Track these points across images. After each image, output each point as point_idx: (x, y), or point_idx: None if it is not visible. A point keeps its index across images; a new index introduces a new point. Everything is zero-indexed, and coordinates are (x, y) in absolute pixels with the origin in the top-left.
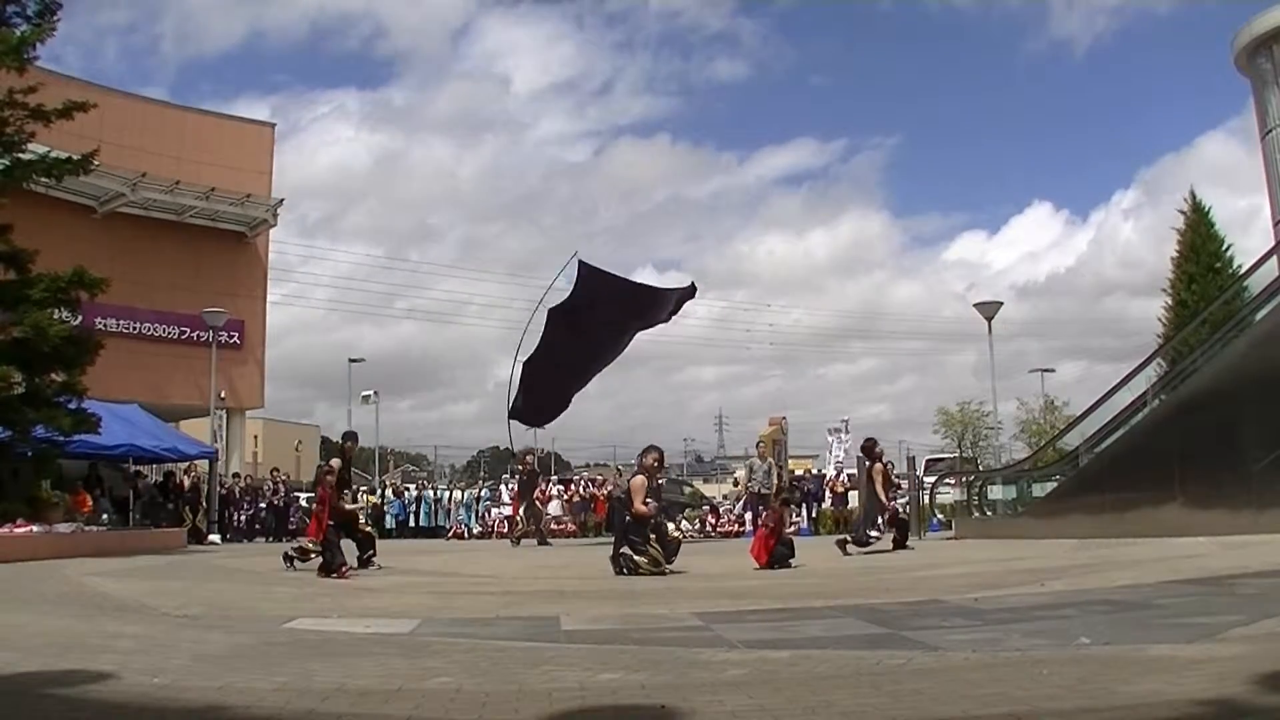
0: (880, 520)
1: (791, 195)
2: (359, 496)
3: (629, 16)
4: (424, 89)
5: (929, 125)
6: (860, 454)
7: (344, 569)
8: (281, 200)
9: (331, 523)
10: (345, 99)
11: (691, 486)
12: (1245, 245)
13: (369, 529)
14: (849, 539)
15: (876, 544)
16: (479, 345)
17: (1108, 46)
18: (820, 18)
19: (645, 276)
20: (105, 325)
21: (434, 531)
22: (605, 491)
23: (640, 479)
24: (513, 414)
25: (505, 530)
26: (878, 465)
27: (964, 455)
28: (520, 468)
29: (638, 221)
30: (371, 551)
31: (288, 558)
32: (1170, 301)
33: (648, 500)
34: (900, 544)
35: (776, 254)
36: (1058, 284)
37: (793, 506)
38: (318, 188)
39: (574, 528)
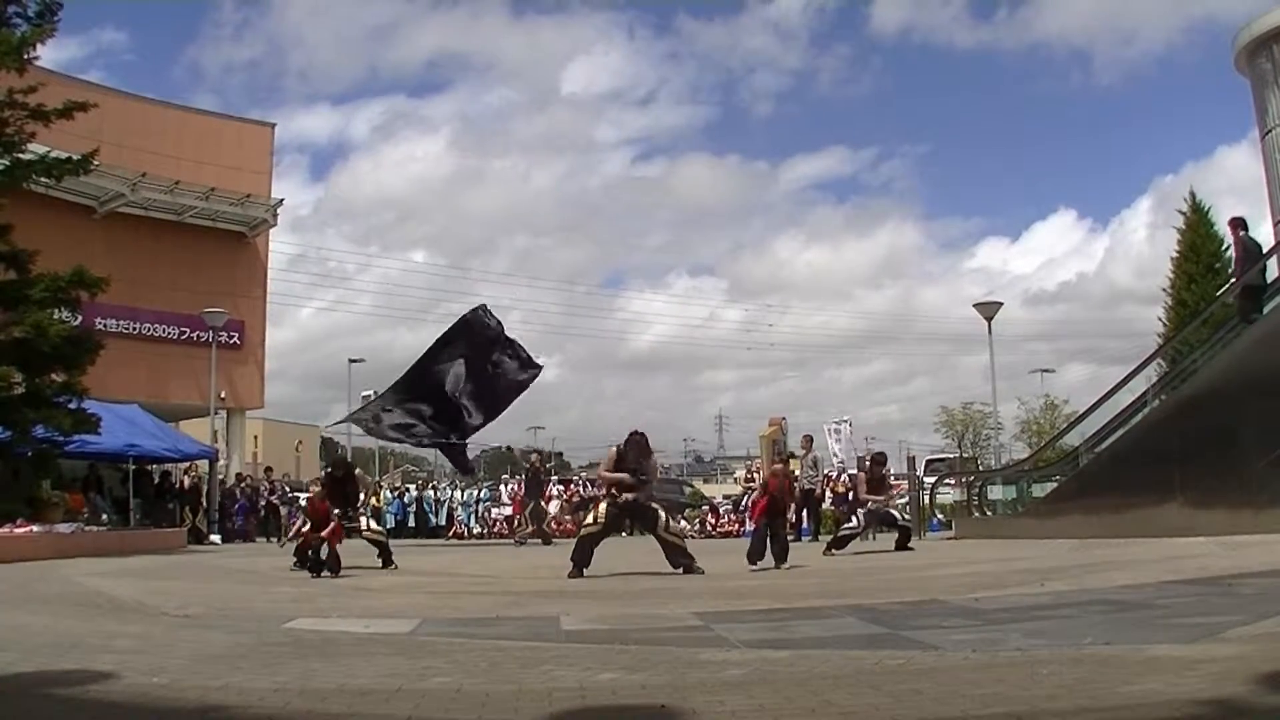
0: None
1: (821, 202)
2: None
3: (711, 56)
4: (510, 109)
5: (957, 134)
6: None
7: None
8: (281, 200)
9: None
10: (433, 114)
11: (691, 486)
12: None
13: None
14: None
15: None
16: None
17: (1138, 72)
18: (873, 51)
19: (680, 283)
20: (105, 325)
21: (434, 531)
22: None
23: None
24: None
25: (506, 530)
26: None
27: (964, 455)
28: (525, 466)
29: (671, 229)
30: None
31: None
32: (1170, 301)
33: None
34: (903, 545)
35: (802, 259)
36: (1072, 290)
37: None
38: (392, 199)
39: (573, 527)
